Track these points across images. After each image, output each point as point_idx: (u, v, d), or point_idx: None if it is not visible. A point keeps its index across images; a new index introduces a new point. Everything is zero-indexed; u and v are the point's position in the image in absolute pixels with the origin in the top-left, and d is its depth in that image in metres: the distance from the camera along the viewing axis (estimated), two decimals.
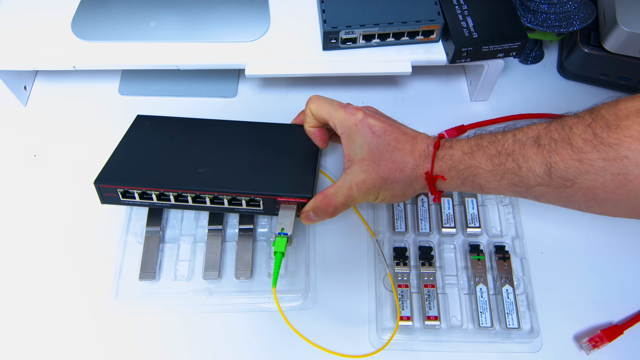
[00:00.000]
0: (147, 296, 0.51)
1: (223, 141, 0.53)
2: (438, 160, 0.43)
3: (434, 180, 0.43)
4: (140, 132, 0.54)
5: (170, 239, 0.54)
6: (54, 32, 0.58)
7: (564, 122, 0.37)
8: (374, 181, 0.44)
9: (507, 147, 0.40)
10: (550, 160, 0.37)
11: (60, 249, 0.54)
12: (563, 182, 0.37)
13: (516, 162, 0.39)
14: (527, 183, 0.39)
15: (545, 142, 0.37)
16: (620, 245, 0.53)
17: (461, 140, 0.43)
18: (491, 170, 0.41)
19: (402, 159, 0.43)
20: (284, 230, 0.47)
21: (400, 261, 0.51)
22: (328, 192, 0.45)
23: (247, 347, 0.49)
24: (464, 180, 0.43)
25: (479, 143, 0.42)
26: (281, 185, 0.48)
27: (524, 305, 0.50)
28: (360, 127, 0.44)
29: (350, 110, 0.45)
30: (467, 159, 0.42)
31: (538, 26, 0.58)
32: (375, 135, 0.44)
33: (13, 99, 0.61)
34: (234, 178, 0.49)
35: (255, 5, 0.59)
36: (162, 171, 0.49)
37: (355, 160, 0.44)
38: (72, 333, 0.49)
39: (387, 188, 0.44)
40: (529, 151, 0.38)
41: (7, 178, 0.58)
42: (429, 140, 0.44)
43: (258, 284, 0.51)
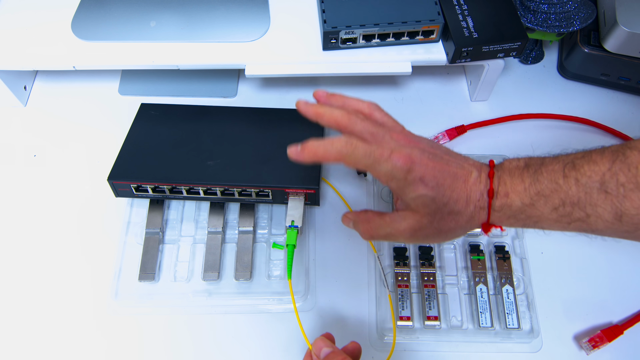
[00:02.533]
0: (146, 297, 0.51)
1: (229, 129, 0.55)
2: (495, 212, 0.39)
3: (490, 227, 0.41)
4: (147, 122, 0.56)
5: (170, 240, 0.54)
6: (54, 32, 0.57)
7: (629, 162, 0.35)
8: (426, 231, 0.40)
9: (571, 195, 0.36)
10: (620, 207, 0.35)
11: (60, 249, 0.53)
12: (635, 227, 0.35)
13: (584, 211, 0.36)
14: (595, 228, 0.37)
15: (612, 187, 0.35)
16: (620, 245, 0.53)
17: (516, 184, 0.38)
18: (555, 219, 0.38)
19: (457, 210, 0.39)
20: (294, 222, 0.49)
21: (400, 261, 0.51)
22: (374, 220, 0.42)
23: (246, 348, 0.49)
24: (525, 226, 0.40)
25: (539, 191, 0.37)
26: (288, 176, 0.50)
27: (524, 305, 0.50)
28: (411, 181, 0.38)
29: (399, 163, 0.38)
30: (528, 210, 0.38)
31: (538, 26, 0.58)
32: (428, 188, 0.38)
33: (13, 99, 0.61)
34: (242, 170, 0.51)
35: (255, 5, 0.59)
36: (172, 164, 0.51)
37: (409, 208, 0.40)
38: (71, 333, 0.49)
39: (439, 235, 0.41)
40: (596, 199, 0.35)
41: (7, 178, 0.58)
42: (482, 185, 0.39)
43: (257, 285, 0.51)
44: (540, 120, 0.61)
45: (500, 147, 0.59)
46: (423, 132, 0.59)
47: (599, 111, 0.62)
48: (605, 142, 0.59)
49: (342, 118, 0.40)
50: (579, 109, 0.62)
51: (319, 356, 0.40)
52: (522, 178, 0.38)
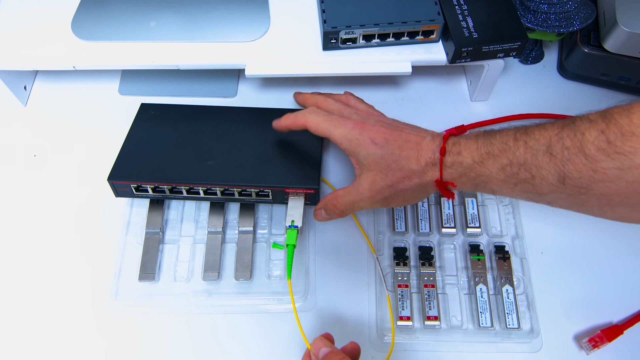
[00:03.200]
0: (146, 297, 0.51)
1: (228, 130, 0.55)
2: (447, 168, 0.42)
3: (445, 185, 0.43)
4: (147, 122, 0.56)
5: (170, 240, 0.54)
6: (54, 32, 0.57)
7: (576, 128, 0.36)
8: (381, 189, 0.44)
9: (518, 156, 0.38)
10: (563, 170, 0.36)
11: (60, 250, 0.53)
12: (577, 190, 0.36)
13: (529, 172, 0.38)
14: (540, 191, 0.38)
15: (557, 150, 0.36)
16: (620, 245, 0.53)
17: (469, 144, 0.41)
18: (503, 180, 0.40)
19: (408, 167, 0.43)
20: (294, 222, 0.49)
21: (400, 261, 0.51)
22: (338, 193, 0.47)
23: (246, 348, 0.49)
24: (475, 186, 0.42)
25: (490, 150, 0.40)
26: (288, 176, 0.50)
27: (524, 305, 0.50)
28: (362, 141, 0.44)
29: (350, 126, 0.45)
30: (478, 167, 0.40)
31: (538, 26, 0.58)
32: (377, 146, 0.43)
33: (13, 99, 0.61)
34: (242, 170, 0.51)
35: (255, 5, 0.59)
36: (172, 164, 0.51)
37: (364, 170, 0.45)
38: (71, 333, 0.49)
39: (398, 195, 0.44)
40: (541, 160, 0.37)
41: (7, 178, 0.58)
42: (435, 144, 0.43)
43: (257, 286, 0.51)
44: (540, 121, 0.61)
45: None
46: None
47: None
48: None
49: (320, 98, 0.51)
50: (579, 109, 0.61)
51: (318, 356, 0.40)
52: (477, 140, 0.41)
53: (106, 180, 0.50)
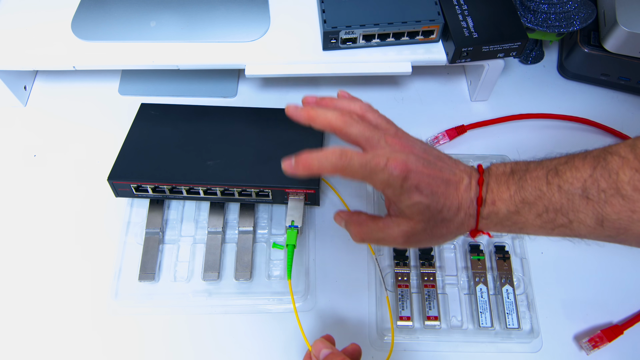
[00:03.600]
0: (146, 297, 0.51)
1: (228, 129, 0.55)
2: (482, 219, 0.40)
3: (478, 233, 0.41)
4: (147, 122, 0.56)
5: (170, 240, 0.54)
6: (54, 32, 0.57)
7: (609, 168, 0.35)
8: (419, 237, 0.40)
9: (554, 202, 0.37)
10: (601, 213, 0.35)
11: (60, 250, 0.53)
12: (616, 231, 0.36)
13: (566, 217, 0.37)
14: (578, 234, 0.38)
15: (594, 193, 0.35)
16: (620, 245, 0.53)
17: (502, 191, 0.39)
18: (540, 226, 0.38)
19: (449, 217, 0.40)
20: (294, 222, 0.50)
21: (400, 261, 0.51)
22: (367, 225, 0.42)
23: (246, 348, 0.49)
24: (510, 231, 0.41)
25: (524, 198, 0.38)
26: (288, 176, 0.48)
27: (524, 305, 0.50)
28: (407, 189, 0.38)
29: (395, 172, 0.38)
30: (514, 217, 0.39)
31: (538, 26, 0.58)
32: (423, 196, 0.38)
33: (13, 99, 0.61)
34: (242, 170, 0.51)
35: (255, 5, 0.59)
36: (172, 164, 0.51)
37: (402, 215, 0.40)
38: (71, 333, 0.49)
39: (431, 242, 0.42)
40: (578, 205, 0.36)
41: (7, 178, 0.58)
42: (472, 192, 0.39)
43: (257, 286, 0.51)
44: (540, 120, 0.61)
45: (500, 147, 0.59)
46: (423, 132, 0.60)
47: (599, 111, 0.62)
48: (605, 142, 0.59)
49: (337, 120, 0.40)
50: (579, 109, 0.62)
51: (318, 357, 0.40)
52: (508, 185, 0.39)
53: (106, 180, 0.50)
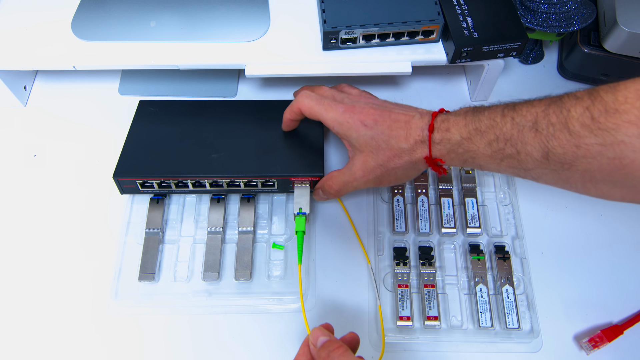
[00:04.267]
0: (146, 297, 0.51)
1: (230, 123, 0.55)
2: (435, 144, 0.43)
3: (435, 161, 0.44)
4: (147, 119, 0.56)
5: (170, 240, 0.54)
6: (54, 32, 0.57)
7: (562, 104, 0.37)
8: (373, 169, 0.46)
9: (505, 132, 0.39)
10: (548, 146, 0.37)
11: (60, 249, 0.54)
12: (561, 165, 0.37)
13: (514, 148, 0.39)
14: (525, 166, 0.39)
15: (543, 126, 0.37)
16: (620, 245, 0.53)
17: (458, 120, 0.42)
18: (490, 155, 0.41)
19: (397, 145, 0.44)
20: (301, 210, 0.50)
21: (400, 261, 0.51)
22: (333, 174, 0.49)
23: (246, 348, 0.49)
24: (463, 161, 0.43)
25: (477, 127, 0.41)
26: (293, 165, 0.51)
27: (524, 305, 0.50)
28: (352, 124, 0.46)
29: (341, 109, 0.46)
30: (466, 144, 0.42)
31: (538, 26, 0.58)
32: (367, 128, 0.45)
33: (13, 99, 0.61)
34: (247, 162, 0.51)
35: (255, 5, 0.59)
36: (176, 159, 0.52)
37: (356, 151, 0.47)
38: (71, 333, 0.49)
39: (389, 174, 0.46)
40: (527, 136, 0.38)
41: (7, 178, 0.58)
42: (423, 122, 0.44)
43: (257, 286, 0.51)
44: None
45: None
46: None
47: None
48: None
49: (315, 86, 0.52)
50: None
51: (316, 344, 0.40)
52: (465, 116, 0.42)
53: (111, 178, 0.51)
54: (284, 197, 0.56)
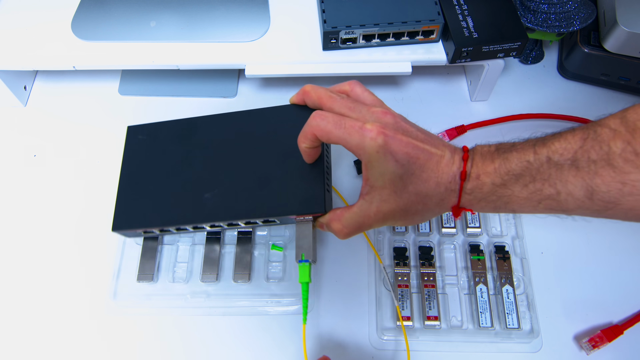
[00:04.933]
0: (145, 298, 0.51)
1: (222, 148, 0.49)
2: (466, 195, 0.38)
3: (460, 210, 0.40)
4: (137, 151, 0.52)
5: (169, 240, 0.54)
6: (54, 32, 0.58)
7: (600, 140, 0.34)
8: (393, 212, 0.40)
9: (542, 171, 0.36)
10: (591, 184, 0.34)
11: (59, 250, 0.53)
12: (605, 205, 0.35)
13: (554, 188, 0.36)
14: (565, 207, 0.36)
15: (583, 164, 0.34)
16: (620, 245, 0.53)
17: (486, 165, 0.38)
18: (526, 198, 0.37)
19: (426, 192, 0.39)
20: (304, 256, 0.43)
21: (400, 261, 0.51)
22: (343, 215, 0.41)
23: (244, 349, 0.49)
24: (495, 208, 0.39)
25: (509, 169, 0.37)
26: (292, 201, 0.44)
27: (524, 305, 0.50)
28: (382, 155, 0.37)
29: (370, 135, 0.37)
30: (499, 190, 0.38)
31: (538, 26, 0.58)
32: (398, 165, 0.38)
33: (13, 99, 0.61)
34: (243, 201, 0.46)
35: (255, 5, 0.59)
36: (171, 203, 0.48)
37: (376, 188, 0.39)
38: (69, 333, 0.49)
39: (407, 218, 0.41)
40: (567, 175, 0.35)
41: (7, 178, 0.58)
42: (455, 167, 0.38)
43: (256, 287, 0.51)
44: (540, 120, 0.61)
45: None
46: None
47: (599, 111, 0.60)
48: None
49: (324, 95, 0.42)
50: (579, 109, 0.62)
51: None
52: (493, 159, 0.38)
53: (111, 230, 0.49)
54: None
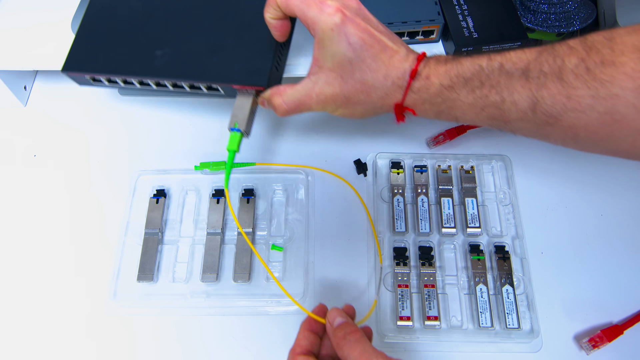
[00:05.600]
0: (144, 298, 0.51)
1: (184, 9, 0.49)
2: (412, 93, 0.38)
3: (403, 109, 0.40)
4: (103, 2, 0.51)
5: (169, 240, 0.54)
6: (54, 32, 0.57)
7: (555, 53, 0.35)
8: (335, 97, 0.40)
9: (492, 78, 0.36)
10: (537, 95, 0.35)
11: (59, 249, 0.53)
12: (546, 119, 0.35)
13: (500, 95, 0.36)
14: (507, 117, 0.37)
15: (534, 74, 0.35)
16: (620, 245, 0.53)
17: (438, 67, 0.38)
18: (471, 103, 0.37)
19: (372, 83, 0.39)
20: (237, 125, 0.44)
21: (400, 261, 0.51)
22: (285, 92, 0.42)
23: (244, 350, 0.49)
24: (438, 112, 0.40)
25: (460, 73, 0.37)
26: (237, 71, 0.45)
27: (524, 305, 0.50)
28: (337, 34, 0.37)
29: (328, 10, 0.37)
30: (446, 92, 0.38)
31: (538, 26, 0.58)
32: (351, 48, 0.38)
33: (13, 99, 0.61)
34: (190, 64, 0.46)
35: None
36: (124, 53, 0.48)
37: (323, 68, 0.40)
38: (69, 333, 0.49)
39: (348, 107, 0.41)
40: (515, 84, 0.35)
41: (7, 178, 0.58)
42: (407, 64, 0.39)
43: (256, 288, 0.51)
44: None
45: (500, 147, 0.59)
46: (423, 133, 0.60)
47: None
48: None
49: None
50: None
51: (332, 323, 0.38)
52: (446, 62, 0.38)
53: (61, 71, 0.49)
54: (284, 198, 0.56)
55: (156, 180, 0.57)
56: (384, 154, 0.58)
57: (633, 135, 0.33)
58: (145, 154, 0.59)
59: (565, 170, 0.57)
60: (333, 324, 0.38)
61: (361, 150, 0.58)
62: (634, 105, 0.32)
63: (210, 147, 0.59)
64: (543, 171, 0.57)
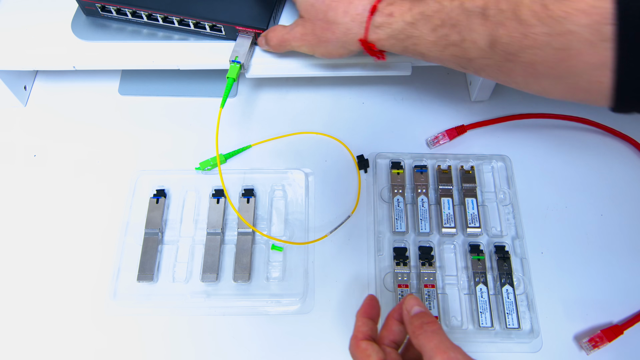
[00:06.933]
0: (144, 297, 0.51)
1: None
2: (375, 28, 0.42)
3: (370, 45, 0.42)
4: None
5: (169, 240, 0.54)
6: (54, 32, 0.57)
7: None
8: (308, 38, 0.47)
9: (452, 17, 0.38)
10: (494, 34, 0.36)
11: (59, 249, 0.54)
12: (505, 56, 0.36)
13: (460, 35, 0.37)
14: (468, 55, 0.38)
15: (492, 13, 0.36)
16: (620, 245, 0.53)
17: (402, 4, 0.41)
18: (433, 42, 0.39)
19: (333, 19, 0.43)
20: (237, 58, 0.52)
21: (400, 261, 0.51)
22: (277, 28, 0.50)
23: (244, 350, 0.49)
24: (404, 48, 0.42)
25: (423, 11, 0.39)
26: (241, 13, 0.52)
27: (524, 305, 0.50)
28: None
29: None
30: (409, 29, 0.40)
31: None
32: None
33: (13, 99, 0.61)
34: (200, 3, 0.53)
35: None
36: None
37: (300, 15, 0.47)
38: (69, 333, 0.49)
39: (320, 45, 0.46)
40: (474, 23, 0.37)
41: (7, 178, 0.58)
42: (367, 1, 0.42)
43: (256, 288, 0.51)
44: (540, 120, 0.61)
45: (500, 147, 0.59)
46: (423, 132, 0.60)
47: (598, 111, 0.61)
48: (605, 142, 0.59)
49: None
50: (579, 109, 0.62)
51: (410, 311, 0.38)
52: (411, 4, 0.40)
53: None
54: (284, 199, 0.56)
55: (156, 180, 0.57)
56: (384, 154, 0.58)
57: (590, 70, 0.34)
58: (145, 154, 0.59)
59: (565, 170, 0.57)
60: (410, 312, 0.38)
61: (361, 150, 0.58)
62: (588, 40, 0.32)
63: (210, 147, 0.59)
64: (543, 171, 0.57)
